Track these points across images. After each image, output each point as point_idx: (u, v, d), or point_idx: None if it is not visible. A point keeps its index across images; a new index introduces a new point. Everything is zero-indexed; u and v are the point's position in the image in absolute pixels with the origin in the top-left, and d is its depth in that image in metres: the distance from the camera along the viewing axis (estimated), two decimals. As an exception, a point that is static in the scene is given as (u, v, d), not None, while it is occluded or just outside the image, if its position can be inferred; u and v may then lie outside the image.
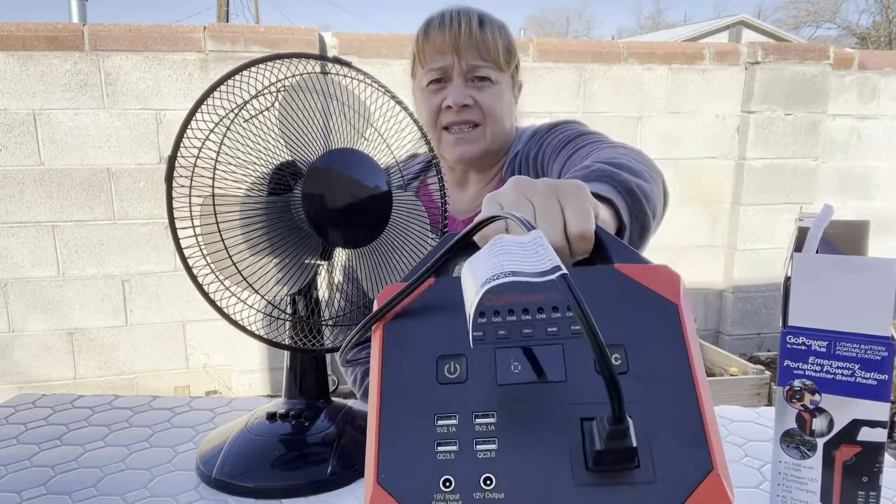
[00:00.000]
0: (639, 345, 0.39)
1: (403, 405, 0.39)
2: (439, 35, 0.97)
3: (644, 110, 3.32)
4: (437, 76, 0.99)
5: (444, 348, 0.40)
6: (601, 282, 0.41)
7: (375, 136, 0.81)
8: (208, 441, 0.79)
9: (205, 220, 0.69)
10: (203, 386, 3.14)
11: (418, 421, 0.39)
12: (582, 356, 0.39)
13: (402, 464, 0.38)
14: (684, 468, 0.35)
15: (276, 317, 0.75)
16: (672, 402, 0.37)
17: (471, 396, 0.38)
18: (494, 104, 1.00)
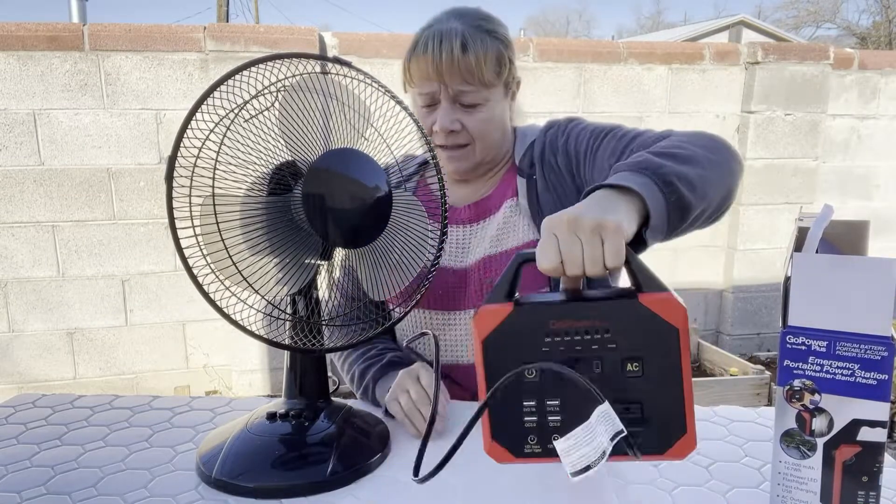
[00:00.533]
0: (650, 357, 0.59)
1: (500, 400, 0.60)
2: (423, 61, 0.96)
3: (644, 110, 3.32)
4: (426, 101, 1.00)
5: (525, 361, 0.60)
6: (631, 312, 0.58)
7: (375, 136, 0.81)
8: (208, 441, 0.79)
9: (205, 220, 0.69)
10: (203, 386, 3.14)
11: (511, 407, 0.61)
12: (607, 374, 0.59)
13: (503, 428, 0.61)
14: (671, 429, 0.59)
15: (276, 317, 0.75)
16: (667, 393, 0.59)
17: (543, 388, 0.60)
18: (483, 126, 1.01)
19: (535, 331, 0.59)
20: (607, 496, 0.70)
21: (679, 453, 0.59)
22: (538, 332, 0.59)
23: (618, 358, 0.59)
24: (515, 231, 1.02)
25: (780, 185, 3.43)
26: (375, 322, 0.86)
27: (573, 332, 0.59)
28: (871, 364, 0.58)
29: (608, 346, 0.59)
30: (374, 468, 0.75)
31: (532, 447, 0.61)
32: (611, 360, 0.59)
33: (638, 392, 0.59)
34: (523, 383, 0.60)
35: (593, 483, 0.72)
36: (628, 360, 0.59)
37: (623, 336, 0.58)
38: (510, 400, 0.60)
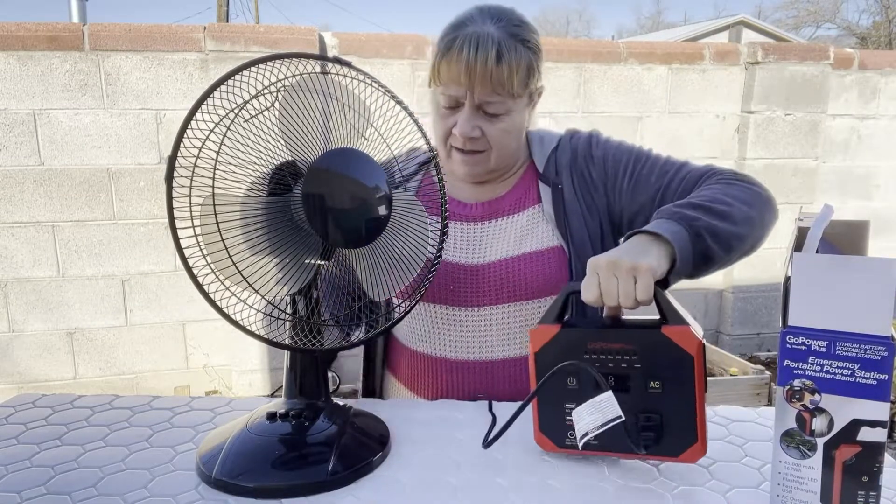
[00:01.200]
0: (670, 380, 0.72)
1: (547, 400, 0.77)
2: (455, 64, 0.95)
3: (644, 110, 3.32)
4: (449, 103, 1.00)
5: (567, 372, 0.75)
6: (654, 340, 0.72)
7: (375, 136, 0.81)
8: (208, 441, 0.79)
9: (205, 220, 0.69)
10: (203, 386, 3.14)
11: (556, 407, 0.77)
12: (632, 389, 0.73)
13: (549, 423, 0.78)
14: (684, 438, 0.72)
15: (276, 317, 0.75)
16: (682, 408, 0.71)
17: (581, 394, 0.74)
18: (502, 136, 1.01)
19: (576, 348, 0.74)
20: (607, 496, 0.70)
21: (691, 458, 0.72)
22: (579, 350, 0.74)
23: (641, 376, 0.72)
24: (538, 235, 1.04)
25: (780, 185, 3.43)
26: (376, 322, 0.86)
27: (607, 352, 0.73)
28: (871, 364, 0.58)
29: (635, 365, 0.72)
30: (374, 468, 0.75)
31: (571, 440, 0.76)
32: (636, 377, 0.72)
33: (658, 405, 0.72)
34: (566, 389, 0.75)
35: (594, 483, 0.72)
36: (651, 378, 0.72)
37: (647, 359, 0.72)
38: (555, 401, 0.76)
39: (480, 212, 1.08)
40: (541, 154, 1.09)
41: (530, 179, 1.09)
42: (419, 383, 1.08)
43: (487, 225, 1.07)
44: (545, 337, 0.76)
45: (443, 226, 0.88)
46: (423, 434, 0.84)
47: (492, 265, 1.03)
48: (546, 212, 1.05)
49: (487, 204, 1.08)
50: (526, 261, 1.02)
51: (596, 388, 0.72)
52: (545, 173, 1.08)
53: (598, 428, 0.70)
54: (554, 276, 1.02)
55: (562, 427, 0.76)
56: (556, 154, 1.09)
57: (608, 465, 0.76)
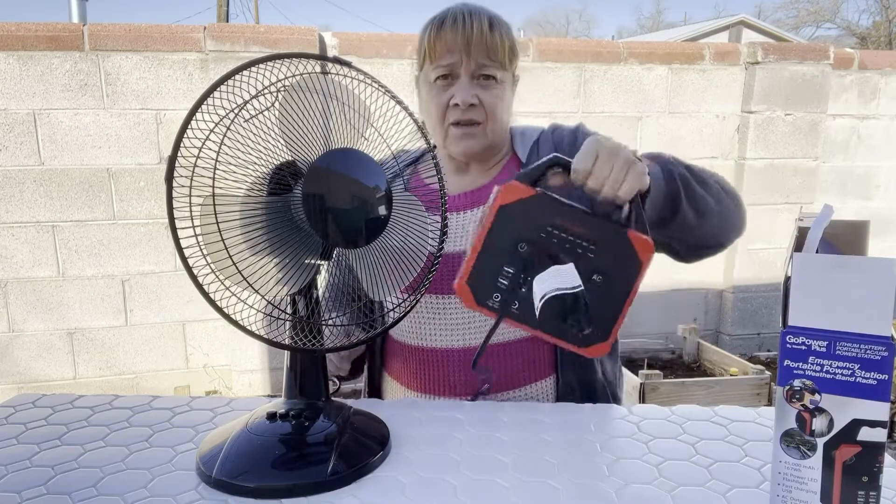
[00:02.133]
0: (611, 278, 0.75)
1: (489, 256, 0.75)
2: (451, 34, 1.01)
3: (644, 110, 3.32)
4: (444, 72, 1.04)
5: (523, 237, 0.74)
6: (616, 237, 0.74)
7: (375, 136, 0.81)
8: (208, 441, 0.79)
9: (205, 220, 0.69)
10: (203, 386, 3.14)
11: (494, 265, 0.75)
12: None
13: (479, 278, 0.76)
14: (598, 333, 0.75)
15: (276, 317, 0.75)
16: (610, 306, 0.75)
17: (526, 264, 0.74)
18: (497, 104, 1.05)
19: (542, 218, 0.74)
20: (607, 496, 0.70)
21: (595, 353, 0.76)
22: (544, 220, 0.74)
23: (590, 266, 0.74)
24: None
25: (780, 185, 3.43)
26: (376, 322, 0.86)
27: (568, 233, 0.74)
28: (871, 364, 0.58)
29: (588, 254, 0.74)
30: (374, 468, 0.75)
31: (494, 303, 0.75)
32: (584, 265, 0.74)
33: (591, 296, 0.74)
34: (514, 252, 0.74)
35: (593, 483, 0.72)
36: (596, 271, 0.74)
37: (601, 252, 0.74)
38: (495, 259, 0.75)
39: (463, 201, 1.10)
40: (523, 145, 1.13)
41: (513, 169, 1.12)
42: (410, 377, 1.09)
43: (470, 214, 1.09)
44: (517, 195, 0.74)
45: (443, 225, 0.88)
46: (423, 434, 0.84)
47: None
48: None
49: (471, 194, 1.11)
50: None
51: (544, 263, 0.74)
52: (528, 163, 1.10)
53: (554, 290, 0.73)
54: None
55: (490, 286, 0.75)
56: (537, 145, 1.13)
57: (608, 465, 0.76)
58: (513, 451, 0.79)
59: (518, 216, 0.74)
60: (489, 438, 0.83)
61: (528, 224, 0.74)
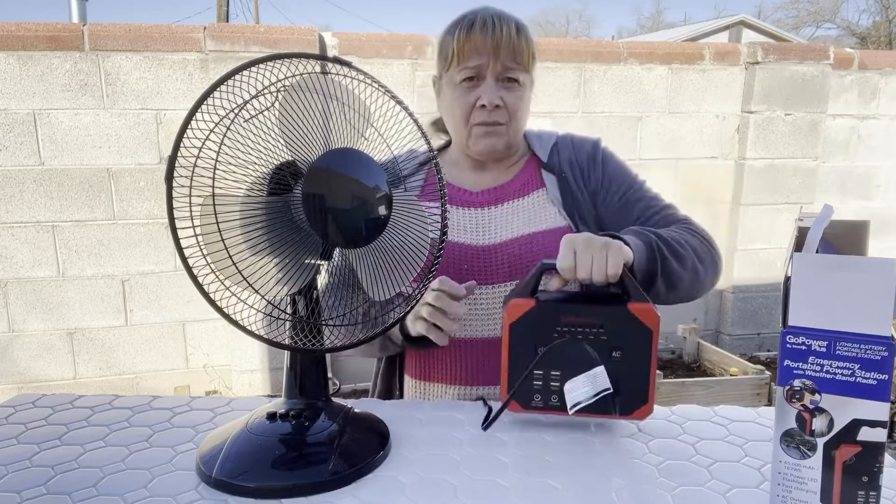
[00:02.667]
0: (630, 349, 0.82)
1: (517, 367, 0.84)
2: (481, 37, 1.05)
3: (644, 110, 3.32)
4: (471, 74, 1.07)
5: (540, 342, 0.83)
6: (620, 315, 0.82)
7: (375, 136, 0.81)
8: (208, 441, 0.79)
9: (205, 220, 0.69)
10: (203, 386, 3.14)
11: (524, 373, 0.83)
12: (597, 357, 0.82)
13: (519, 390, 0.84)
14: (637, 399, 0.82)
15: (276, 317, 0.75)
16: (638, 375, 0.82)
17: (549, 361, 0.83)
18: (519, 105, 1.10)
19: (550, 322, 0.82)
20: (607, 496, 0.70)
21: (640, 416, 0.82)
22: (553, 323, 0.82)
23: (607, 346, 0.81)
24: (546, 216, 1.11)
25: (780, 185, 3.43)
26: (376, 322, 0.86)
27: (577, 325, 0.82)
28: (871, 364, 0.58)
29: (601, 337, 0.82)
30: (374, 468, 0.75)
31: (536, 402, 0.84)
32: (602, 347, 0.81)
33: (617, 371, 0.81)
34: (534, 357, 0.82)
35: (594, 483, 0.72)
36: (614, 348, 0.81)
37: (612, 331, 0.81)
38: (524, 367, 0.83)
39: (486, 198, 1.14)
40: (541, 147, 1.18)
41: (533, 168, 1.16)
42: (433, 369, 1.09)
43: (494, 209, 1.13)
44: (521, 310, 0.83)
45: (442, 225, 0.88)
46: (423, 434, 0.84)
47: (503, 244, 1.09)
48: (552, 195, 1.12)
49: (493, 190, 1.14)
50: (537, 239, 1.08)
51: (567, 355, 0.82)
52: (549, 162, 1.15)
53: (590, 398, 0.80)
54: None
55: (528, 391, 0.83)
56: (557, 147, 1.17)
57: (608, 465, 0.76)
58: (513, 451, 0.80)
59: (528, 327, 0.83)
60: (489, 438, 0.83)
61: (539, 330, 0.82)
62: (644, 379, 0.81)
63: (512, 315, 0.83)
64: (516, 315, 0.83)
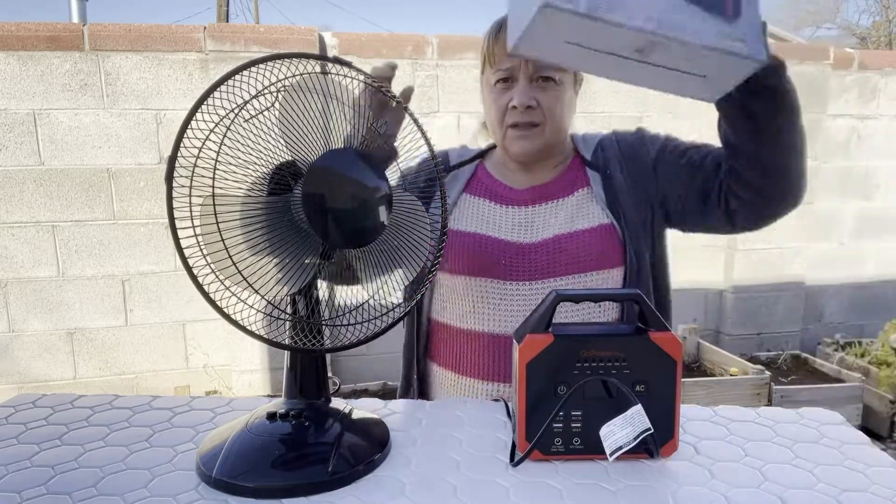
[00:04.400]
0: (654, 382, 0.76)
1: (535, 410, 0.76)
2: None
3: (644, 110, 3.32)
4: (504, 76, 1.08)
5: (559, 380, 0.76)
6: (642, 346, 0.76)
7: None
8: (208, 441, 0.79)
9: (205, 220, 0.69)
10: (203, 386, 3.14)
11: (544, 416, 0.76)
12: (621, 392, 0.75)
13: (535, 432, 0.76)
14: (663, 435, 0.76)
15: (276, 317, 0.75)
16: (663, 408, 0.76)
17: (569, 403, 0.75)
18: (555, 105, 1.09)
19: (569, 358, 0.75)
20: (608, 496, 0.70)
21: (666, 452, 0.77)
22: (571, 359, 0.75)
23: (630, 380, 0.75)
24: (589, 214, 1.10)
25: (780, 185, 3.42)
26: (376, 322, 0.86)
27: (598, 360, 0.75)
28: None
29: (624, 371, 0.75)
30: (374, 468, 0.75)
31: (557, 447, 0.76)
32: (624, 381, 0.75)
33: (644, 407, 0.73)
34: (554, 398, 0.75)
35: (594, 483, 0.72)
36: (638, 382, 0.75)
37: (635, 364, 0.75)
38: (543, 409, 0.75)
39: (531, 195, 1.14)
40: (586, 147, 1.18)
41: (578, 167, 1.16)
42: (465, 363, 1.11)
43: (538, 208, 1.13)
44: (538, 347, 0.75)
45: (443, 224, 0.88)
46: (423, 434, 0.84)
47: (544, 242, 1.09)
48: (596, 193, 1.11)
49: (537, 188, 1.15)
50: (577, 237, 1.08)
51: (583, 398, 0.75)
52: (593, 160, 1.15)
53: (631, 441, 0.71)
54: (605, 250, 1.07)
55: (549, 435, 0.76)
56: (601, 146, 1.17)
57: (608, 465, 0.76)
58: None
59: (546, 365, 0.75)
60: (489, 438, 0.83)
61: (559, 368, 0.75)
62: (670, 413, 0.76)
63: (528, 353, 0.75)
64: (533, 353, 0.75)
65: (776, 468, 0.75)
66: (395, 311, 0.89)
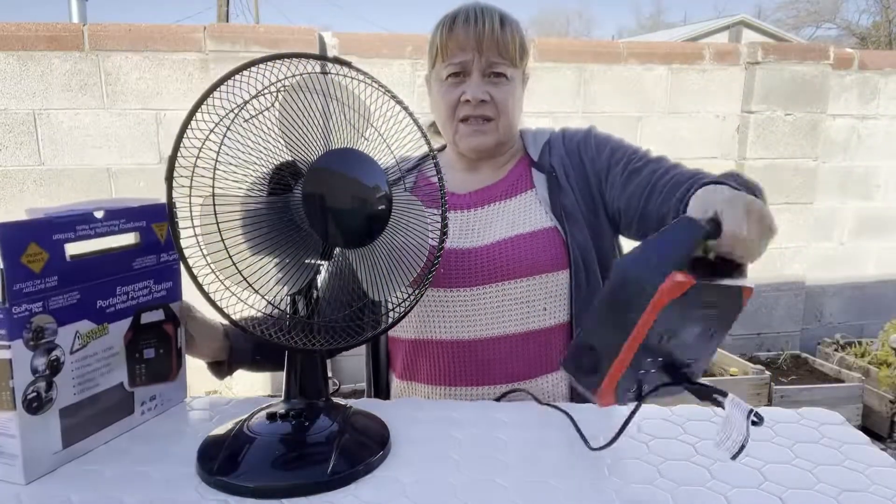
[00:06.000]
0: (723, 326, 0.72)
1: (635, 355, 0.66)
2: (463, 31, 1.03)
3: (644, 110, 3.32)
4: (456, 70, 1.06)
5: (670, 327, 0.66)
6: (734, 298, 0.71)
7: (375, 136, 0.81)
8: (208, 441, 0.79)
9: (205, 220, 0.69)
10: (203, 386, 3.14)
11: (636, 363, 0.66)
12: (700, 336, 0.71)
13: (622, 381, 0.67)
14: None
15: (276, 317, 0.75)
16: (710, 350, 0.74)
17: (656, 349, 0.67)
18: (507, 100, 1.07)
19: (694, 304, 0.66)
20: (608, 496, 0.70)
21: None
22: (695, 306, 0.67)
23: (710, 327, 0.71)
24: (532, 218, 1.08)
25: (780, 185, 3.43)
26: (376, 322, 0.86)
27: (706, 307, 0.69)
28: None
29: (710, 318, 0.70)
30: (374, 468, 0.75)
31: (632, 396, 0.69)
32: (706, 328, 0.70)
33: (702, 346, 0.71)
34: (657, 346, 0.67)
35: (594, 483, 0.72)
36: (714, 329, 0.71)
37: (721, 311, 0.71)
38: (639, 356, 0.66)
39: (472, 200, 1.12)
40: (534, 145, 1.15)
41: (524, 168, 1.14)
42: (416, 371, 1.10)
43: (480, 211, 1.11)
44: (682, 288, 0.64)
45: (443, 225, 0.88)
46: (423, 434, 0.84)
47: (485, 248, 1.06)
48: (540, 195, 1.09)
49: (480, 192, 1.12)
50: (519, 241, 1.05)
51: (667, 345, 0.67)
52: (540, 161, 1.12)
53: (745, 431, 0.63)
54: (548, 255, 1.05)
55: (630, 381, 0.68)
56: (549, 145, 1.14)
57: (608, 465, 0.76)
58: (513, 451, 0.79)
59: (675, 310, 0.65)
60: (489, 438, 0.83)
61: (681, 315, 0.66)
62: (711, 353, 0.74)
63: (672, 293, 0.63)
64: (676, 294, 0.63)
65: (776, 468, 0.75)
66: (396, 311, 0.90)
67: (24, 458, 0.70)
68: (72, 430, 0.76)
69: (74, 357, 0.75)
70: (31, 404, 0.70)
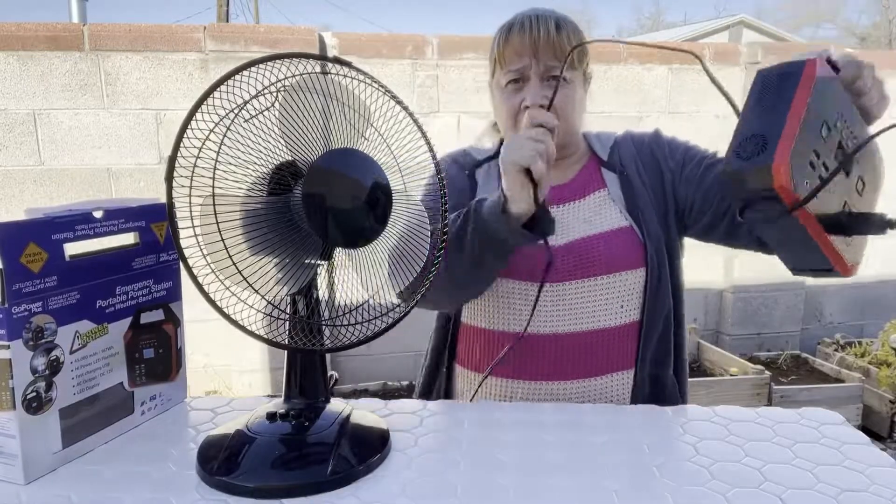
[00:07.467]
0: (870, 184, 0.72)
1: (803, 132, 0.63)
2: (519, 39, 1.06)
3: (644, 110, 3.32)
4: (515, 76, 1.08)
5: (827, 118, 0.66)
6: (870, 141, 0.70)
7: (375, 136, 0.81)
8: (208, 441, 0.79)
9: (205, 220, 0.69)
10: (203, 386, 3.14)
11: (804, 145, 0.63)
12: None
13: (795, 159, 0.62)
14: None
15: (276, 317, 0.75)
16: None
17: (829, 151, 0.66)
18: (567, 104, 1.09)
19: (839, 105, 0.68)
20: (608, 496, 0.70)
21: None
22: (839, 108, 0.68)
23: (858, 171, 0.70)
24: (607, 217, 1.10)
25: (780, 185, 3.43)
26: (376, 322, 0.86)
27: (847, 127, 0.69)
28: None
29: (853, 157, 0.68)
30: (374, 468, 0.75)
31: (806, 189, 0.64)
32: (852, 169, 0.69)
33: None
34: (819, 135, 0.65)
35: (594, 483, 0.72)
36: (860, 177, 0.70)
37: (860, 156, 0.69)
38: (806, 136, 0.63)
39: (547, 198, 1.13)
40: (601, 146, 1.17)
41: (593, 168, 1.16)
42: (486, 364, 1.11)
43: (555, 210, 1.12)
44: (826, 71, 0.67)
45: (443, 225, 0.88)
46: (423, 434, 0.84)
47: (562, 246, 1.08)
48: (613, 194, 1.11)
49: (553, 190, 1.13)
50: (597, 240, 1.08)
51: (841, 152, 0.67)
52: (610, 161, 1.15)
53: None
54: (626, 253, 1.08)
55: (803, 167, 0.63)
56: (617, 146, 1.17)
57: (608, 465, 0.76)
58: (513, 450, 0.79)
59: (826, 95, 0.65)
60: (489, 438, 0.83)
61: (832, 106, 0.66)
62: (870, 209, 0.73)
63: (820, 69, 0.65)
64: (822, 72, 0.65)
65: (776, 468, 0.75)
66: (396, 311, 0.90)
67: (23, 457, 0.70)
68: (71, 430, 0.76)
69: (74, 357, 0.75)
70: (30, 404, 0.70)
